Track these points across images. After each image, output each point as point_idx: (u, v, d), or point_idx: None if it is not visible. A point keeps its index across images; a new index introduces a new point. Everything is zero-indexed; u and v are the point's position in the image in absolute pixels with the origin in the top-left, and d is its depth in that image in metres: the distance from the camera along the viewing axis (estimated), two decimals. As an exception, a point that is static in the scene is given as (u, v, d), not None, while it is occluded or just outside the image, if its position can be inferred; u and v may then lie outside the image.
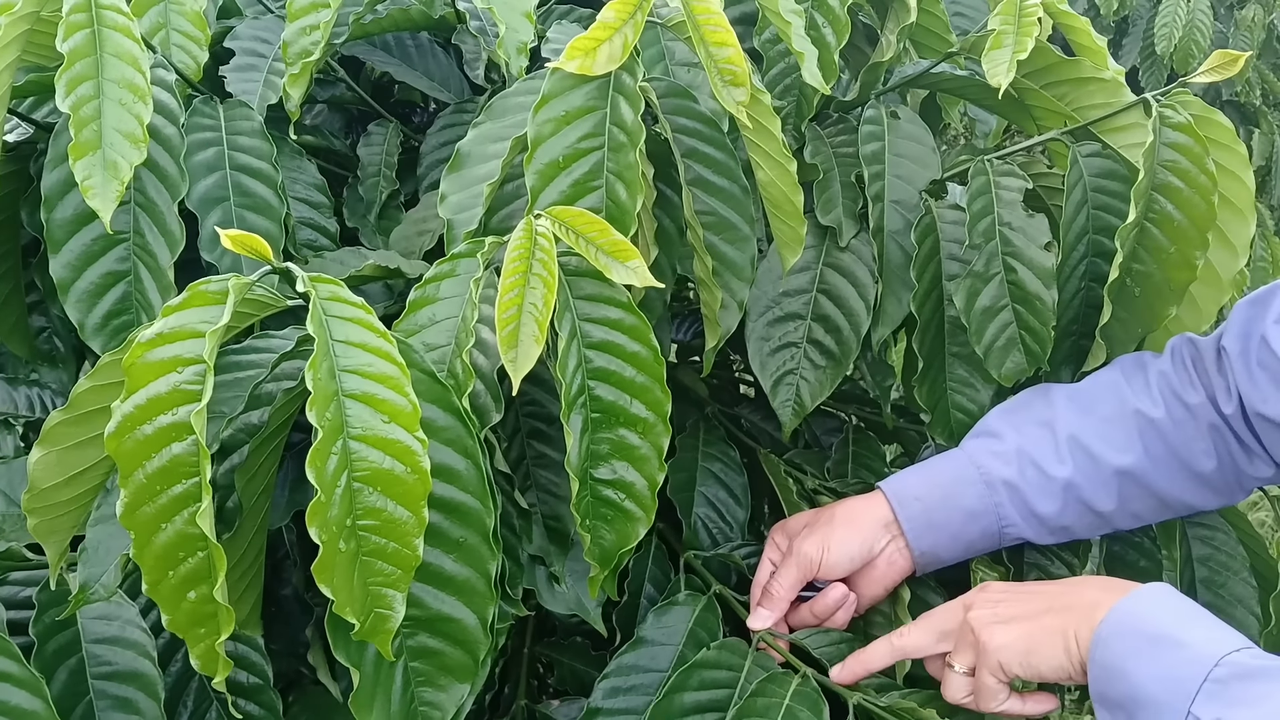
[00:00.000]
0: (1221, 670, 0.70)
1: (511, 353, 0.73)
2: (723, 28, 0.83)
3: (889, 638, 0.90)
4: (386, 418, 0.62)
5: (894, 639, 0.90)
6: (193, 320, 0.62)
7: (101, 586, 0.70)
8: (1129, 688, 0.73)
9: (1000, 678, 0.82)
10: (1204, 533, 1.05)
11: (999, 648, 0.81)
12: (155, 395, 0.61)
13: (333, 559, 0.60)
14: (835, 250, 1.04)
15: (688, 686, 0.88)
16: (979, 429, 1.00)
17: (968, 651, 0.84)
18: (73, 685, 0.77)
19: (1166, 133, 0.90)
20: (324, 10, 0.95)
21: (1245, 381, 0.91)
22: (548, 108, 0.81)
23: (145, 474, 0.60)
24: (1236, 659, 0.71)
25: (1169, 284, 0.94)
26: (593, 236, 0.77)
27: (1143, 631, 0.75)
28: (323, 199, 1.00)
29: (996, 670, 0.82)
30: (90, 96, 0.81)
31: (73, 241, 0.86)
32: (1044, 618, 0.81)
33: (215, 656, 0.61)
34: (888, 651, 0.90)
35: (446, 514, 0.69)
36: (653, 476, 0.79)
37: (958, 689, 0.85)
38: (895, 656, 0.90)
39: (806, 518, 1.00)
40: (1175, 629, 0.75)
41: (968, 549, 0.97)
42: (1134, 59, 3.62)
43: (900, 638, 0.90)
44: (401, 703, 0.70)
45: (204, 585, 0.61)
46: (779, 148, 0.87)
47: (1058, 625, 0.80)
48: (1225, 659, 0.71)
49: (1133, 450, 0.94)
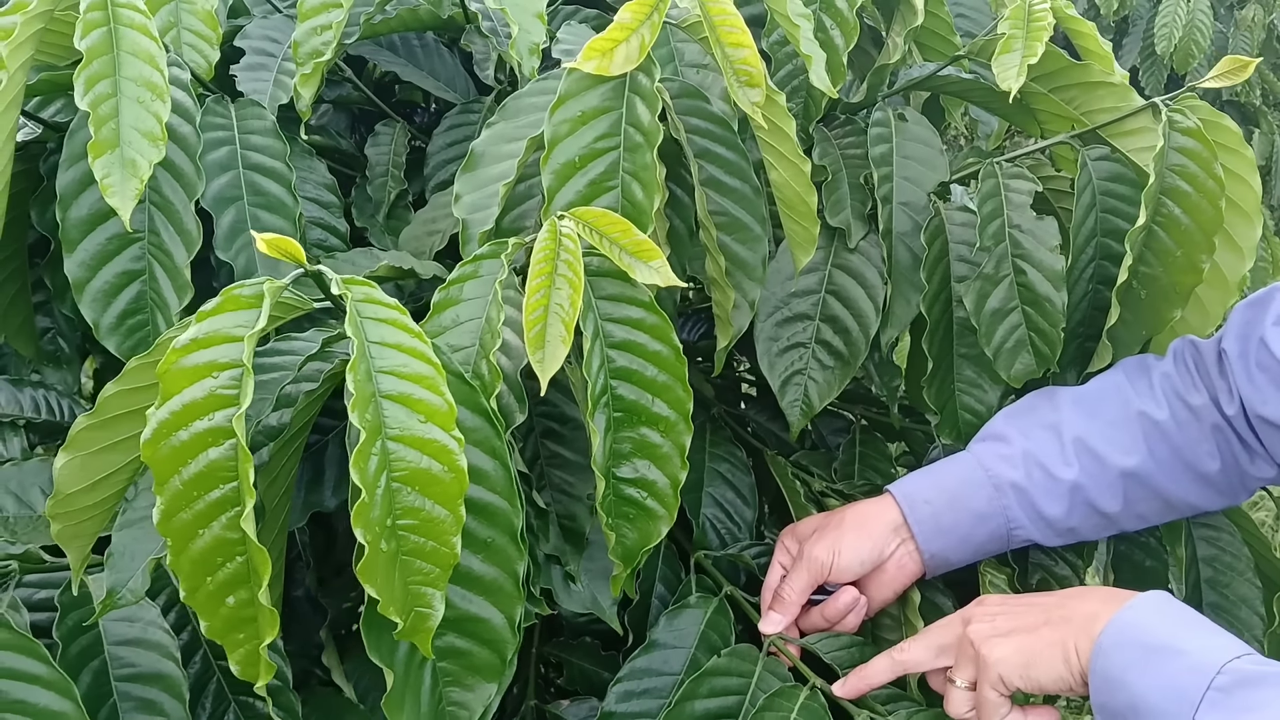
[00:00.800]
0: (1224, 678, 0.70)
1: (539, 353, 0.73)
2: (739, 29, 0.84)
3: (890, 653, 0.90)
4: (423, 418, 0.63)
5: (894, 654, 0.90)
6: (227, 325, 0.62)
7: (129, 591, 0.70)
8: (1130, 698, 0.74)
9: (1001, 691, 0.82)
10: (1209, 533, 1.06)
11: (998, 660, 0.81)
12: (191, 401, 0.60)
13: (376, 559, 0.59)
14: (844, 251, 1.04)
15: (698, 694, 0.89)
16: (986, 432, 1.01)
17: (968, 666, 0.84)
18: (96, 687, 0.77)
19: (1175, 137, 0.91)
20: (336, 10, 0.94)
21: (1245, 383, 0.93)
22: (564, 108, 0.82)
23: (182, 480, 0.60)
24: (1238, 666, 0.71)
25: (1174, 287, 0.95)
26: (616, 237, 0.77)
27: (1142, 641, 0.75)
28: (333, 199, 1.00)
29: (997, 684, 0.82)
30: (108, 94, 0.80)
31: (87, 241, 0.85)
32: (1042, 630, 0.81)
33: (258, 661, 0.61)
34: (888, 667, 0.90)
35: (475, 514, 0.69)
36: (675, 475, 0.79)
37: (960, 704, 0.85)
38: (896, 672, 0.90)
39: (816, 521, 1.00)
40: (1174, 638, 0.75)
41: (977, 551, 0.98)
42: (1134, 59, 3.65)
43: (900, 653, 0.90)
44: (430, 703, 0.70)
45: (243, 590, 0.61)
46: (794, 148, 0.87)
47: (1056, 637, 0.80)
48: (1227, 666, 0.71)
49: (1137, 452, 0.96)
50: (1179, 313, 0.97)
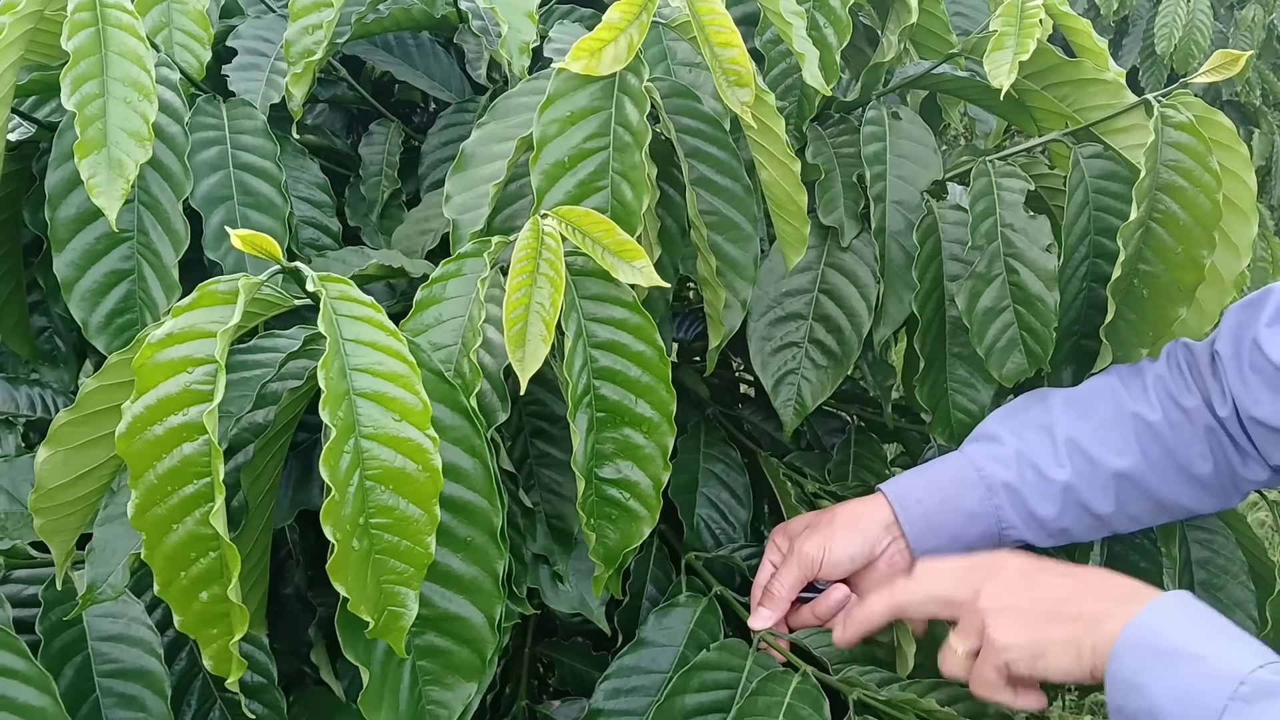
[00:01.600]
0: (1246, 689, 0.68)
1: (519, 352, 0.73)
2: (728, 28, 0.84)
3: (890, 591, 0.88)
4: (398, 416, 0.63)
5: (895, 594, 0.88)
6: (202, 320, 0.62)
7: (109, 586, 0.70)
8: (1147, 704, 0.72)
9: (1004, 674, 0.82)
10: (1203, 536, 1.05)
11: (1007, 647, 0.80)
12: (166, 396, 0.61)
13: (346, 558, 0.60)
14: (837, 250, 1.04)
15: (689, 689, 0.89)
16: (978, 433, 1.00)
17: (973, 636, 0.83)
18: (79, 682, 0.77)
19: (1169, 132, 0.90)
20: (327, 10, 0.94)
21: (1238, 385, 0.92)
22: (553, 108, 0.82)
23: (156, 475, 0.60)
24: (1260, 676, 0.69)
25: (1177, 285, 0.94)
26: (599, 236, 0.77)
27: (1157, 646, 0.73)
28: (325, 198, 1.00)
29: (1001, 668, 0.81)
30: (95, 95, 0.81)
31: (76, 240, 0.85)
32: (1056, 626, 0.80)
33: (229, 656, 0.61)
34: (887, 607, 0.88)
35: (454, 513, 0.69)
36: (657, 476, 0.79)
37: (954, 666, 0.84)
38: (894, 613, 0.89)
39: (807, 519, 1.00)
40: (1191, 642, 0.73)
41: (967, 551, 0.97)
42: (1134, 59, 3.62)
43: (901, 593, 0.88)
44: (409, 701, 0.70)
45: (216, 585, 0.61)
46: (783, 148, 0.87)
47: (1070, 635, 0.79)
48: (1250, 677, 0.68)
49: (1130, 453, 0.95)
50: (1184, 311, 0.95)
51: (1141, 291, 0.95)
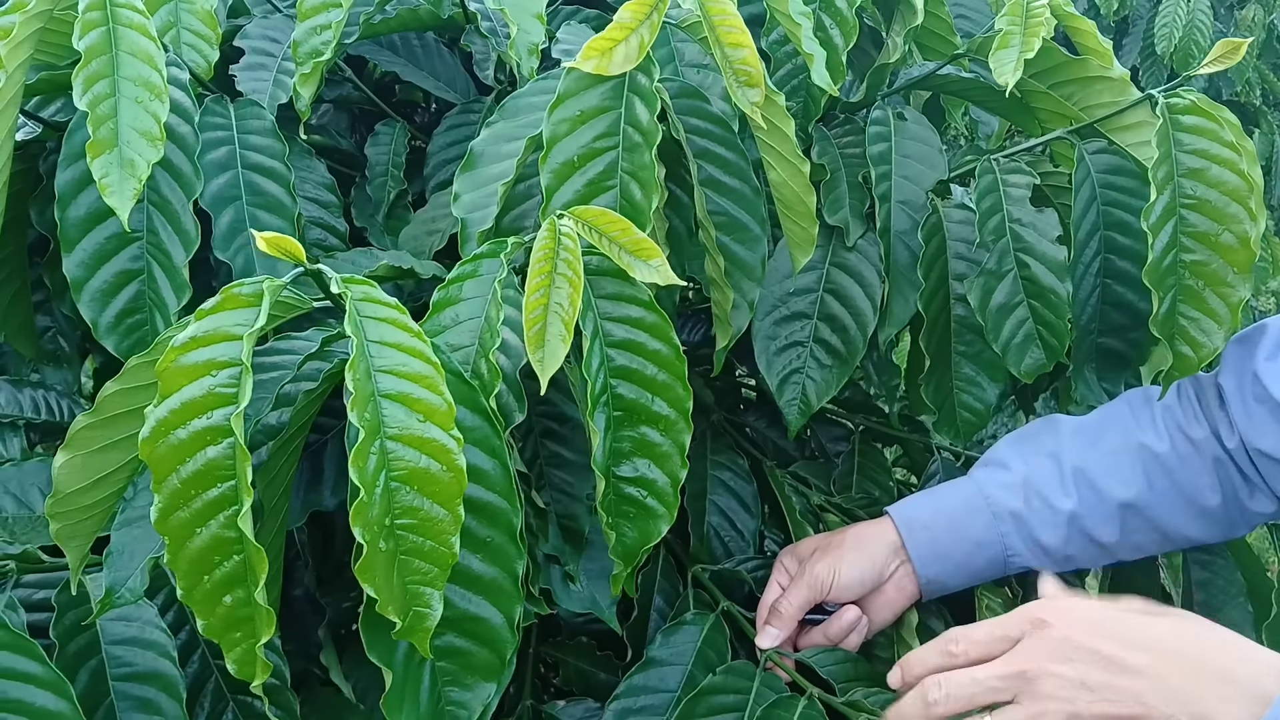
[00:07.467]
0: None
1: (539, 352, 0.73)
2: (738, 29, 0.84)
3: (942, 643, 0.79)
4: (422, 417, 0.62)
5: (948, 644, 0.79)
6: (226, 323, 0.62)
7: (128, 590, 0.70)
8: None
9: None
10: (1203, 557, 1.05)
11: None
12: (190, 399, 0.60)
13: (375, 559, 0.59)
14: (842, 250, 1.04)
15: (696, 714, 0.88)
16: (989, 457, 1.01)
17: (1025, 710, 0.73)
18: (93, 687, 0.77)
19: (1177, 118, 0.89)
20: (335, 10, 0.94)
21: (1242, 418, 0.93)
22: (563, 107, 0.82)
23: (180, 478, 0.60)
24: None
25: (1231, 268, 0.90)
26: (615, 235, 0.77)
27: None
28: (332, 199, 1.00)
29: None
30: (107, 94, 0.80)
31: (86, 240, 0.85)
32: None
33: (253, 660, 0.61)
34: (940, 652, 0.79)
35: (474, 514, 0.69)
36: (674, 473, 0.79)
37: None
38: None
39: (816, 541, 1.01)
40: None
41: (973, 577, 0.99)
42: (1134, 59, 3.63)
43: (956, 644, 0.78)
44: (429, 702, 0.70)
45: (240, 589, 0.61)
46: (792, 149, 0.87)
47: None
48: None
49: (1136, 484, 0.95)
50: (1245, 291, 0.91)
51: (1194, 285, 0.91)
